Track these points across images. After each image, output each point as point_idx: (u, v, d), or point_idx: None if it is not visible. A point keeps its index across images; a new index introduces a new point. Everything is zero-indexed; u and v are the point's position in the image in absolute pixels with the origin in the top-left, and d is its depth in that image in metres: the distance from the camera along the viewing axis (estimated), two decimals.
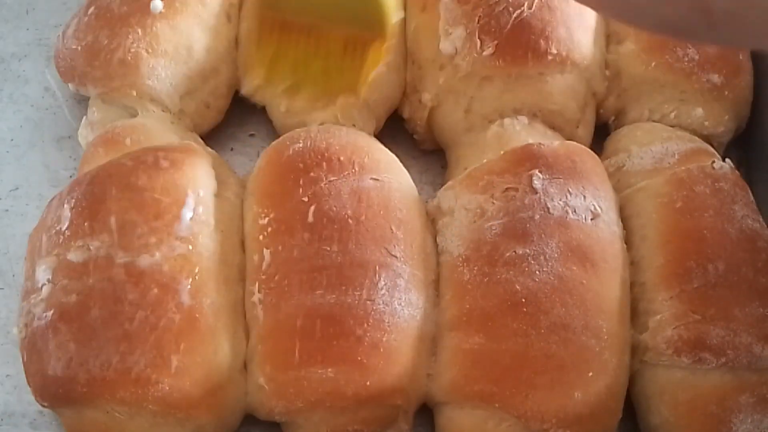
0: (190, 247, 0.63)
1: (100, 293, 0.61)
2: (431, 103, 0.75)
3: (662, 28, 0.44)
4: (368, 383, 0.61)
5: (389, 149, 0.72)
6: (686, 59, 0.74)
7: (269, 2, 0.71)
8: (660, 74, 0.75)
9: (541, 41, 0.71)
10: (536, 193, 0.65)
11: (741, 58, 0.76)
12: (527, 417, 0.61)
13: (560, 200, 0.65)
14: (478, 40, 0.71)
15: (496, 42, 0.71)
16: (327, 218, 0.64)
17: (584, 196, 0.66)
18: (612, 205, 0.68)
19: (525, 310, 0.62)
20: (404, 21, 0.77)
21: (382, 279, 0.63)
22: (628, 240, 0.69)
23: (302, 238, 0.64)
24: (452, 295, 0.65)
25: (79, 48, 0.73)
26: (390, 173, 0.68)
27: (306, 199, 0.65)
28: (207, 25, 0.75)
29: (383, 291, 0.62)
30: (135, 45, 0.72)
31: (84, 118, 0.76)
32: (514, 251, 0.63)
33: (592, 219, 0.66)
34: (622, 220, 0.69)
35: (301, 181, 0.66)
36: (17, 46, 0.86)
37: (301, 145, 0.68)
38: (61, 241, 0.63)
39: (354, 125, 0.74)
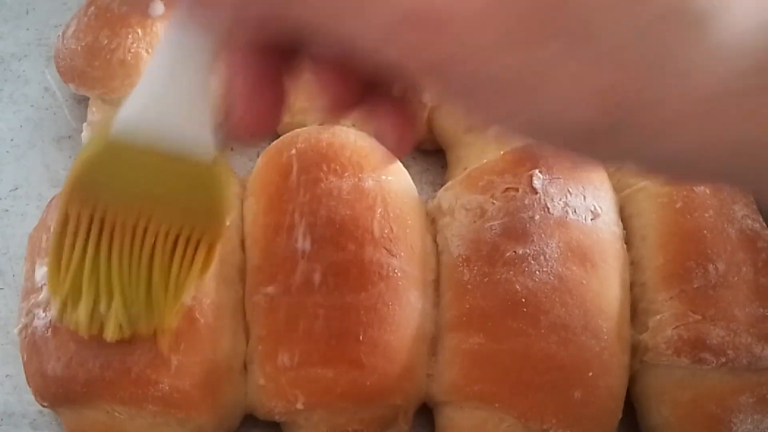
0: None
1: None
2: (431, 103, 0.75)
3: (570, 139, 0.38)
4: (368, 383, 0.61)
5: None
6: None
7: (83, 187, 0.51)
8: None
9: None
10: (536, 193, 0.65)
11: None
12: (527, 417, 0.61)
13: (560, 200, 0.65)
14: None
15: None
16: (327, 218, 0.64)
17: (584, 196, 0.66)
18: (612, 205, 0.68)
19: (525, 310, 0.62)
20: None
21: (382, 279, 0.63)
22: (628, 240, 0.69)
23: (302, 238, 0.64)
24: (452, 295, 0.65)
25: (79, 48, 0.73)
26: (390, 173, 0.68)
27: (306, 199, 0.65)
28: None
29: (383, 291, 0.62)
30: (135, 45, 0.72)
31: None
32: (514, 251, 0.63)
33: (592, 219, 0.66)
34: (622, 221, 0.69)
35: (301, 181, 0.66)
36: (17, 46, 0.86)
37: (301, 144, 0.68)
38: None
39: (353, 125, 0.74)
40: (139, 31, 0.72)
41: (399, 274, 0.63)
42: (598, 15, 0.33)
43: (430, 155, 0.81)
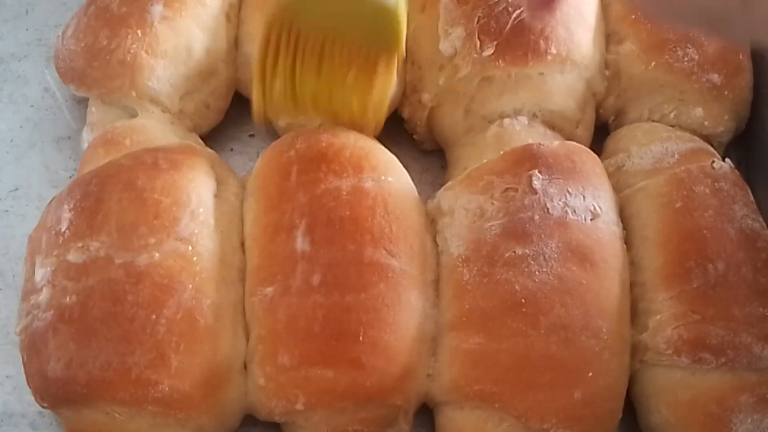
0: (190, 247, 0.63)
1: (100, 294, 0.61)
2: (431, 104, 0.75)
3: (700, 19, 0.44)
4: (368, 383, 0.61)
5: (389, 149, 0.71)
6: (686, 59, 0.74)
7: (284, 4, 0.65)
8: (660, 74, 0.75)
9: (541, 41, 0.71)
10: (536, 193, 0.65)
11: (741, 57, 0.76)
12: (527, 417, 0.61)
13: (560, 200, 0.65)
14: (477, 41, 0.71)
15: (495, 42, 0.71)
16: (327, 219, 0.64)
17: (584, 197, 0.66)
18: (612, 205, 0.68)
19: (525, 310, 0.62)
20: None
21: (381, 279, 0.63)
22: (628, 240, 0.69)
23: (302, 239, 0.64)
24: (452, 296, 0.65)
25: (79, 49, 0.73)
26: (390, 174, 0.68)
27: (306, 199, 0.65)
28: (206, 26, 0.75)
29: (383, 291, 0.62)
30: (135, 45, 0.72)
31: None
32: (514, 251, 0.63)
33: (591, 219, 0.66)
34: (621, 221, 0.69)
35: (300, 182, 0.66)
36: (17, 46, 0.86)
37: (300, 145, 0.68)
38: (60, 241, 0.63)
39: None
40: (139, 31, 0.72)
41: (399, 275, 0.63)
42: None
43: (430, 155, 0.81)
